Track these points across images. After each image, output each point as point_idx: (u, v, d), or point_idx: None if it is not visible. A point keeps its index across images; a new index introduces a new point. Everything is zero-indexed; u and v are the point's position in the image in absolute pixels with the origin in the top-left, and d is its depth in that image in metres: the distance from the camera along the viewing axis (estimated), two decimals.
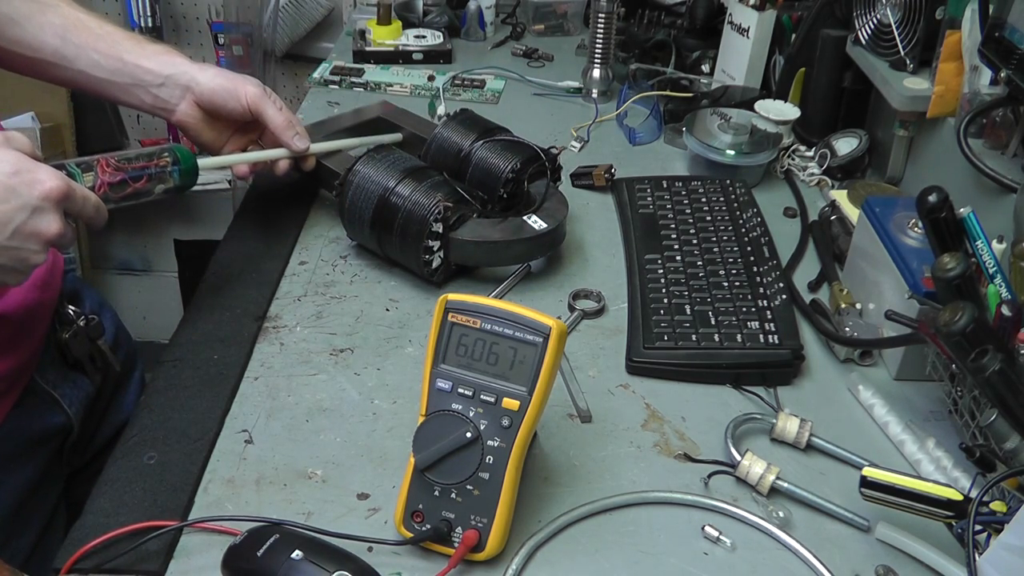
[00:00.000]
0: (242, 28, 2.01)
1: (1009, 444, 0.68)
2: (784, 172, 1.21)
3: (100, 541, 0.64)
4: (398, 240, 0.92)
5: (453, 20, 1.64)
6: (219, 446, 0.74)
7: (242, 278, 0.94)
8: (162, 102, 0.91)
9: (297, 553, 0.58)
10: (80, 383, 0.90)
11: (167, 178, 0.83)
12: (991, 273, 0.74)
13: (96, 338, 0.90)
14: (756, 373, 0.84)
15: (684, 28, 1.51)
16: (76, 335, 0.88)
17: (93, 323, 0.89)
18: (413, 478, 0.65)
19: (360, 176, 0.93)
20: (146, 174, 0.81)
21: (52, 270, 0.87)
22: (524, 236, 0.94)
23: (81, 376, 0.90)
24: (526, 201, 1.00)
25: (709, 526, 0.69)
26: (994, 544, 0.60)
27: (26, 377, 0.83)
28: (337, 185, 0.95)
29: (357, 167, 0.94)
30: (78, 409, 0.89)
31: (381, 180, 0.92)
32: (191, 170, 0.85)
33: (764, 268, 0.95)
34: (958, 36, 1.00)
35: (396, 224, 0.91)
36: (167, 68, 0.90)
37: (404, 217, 0.90)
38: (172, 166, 0.84)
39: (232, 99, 0.91)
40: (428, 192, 0.91)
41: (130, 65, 0.89)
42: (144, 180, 0.81)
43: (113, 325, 1.00)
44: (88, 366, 0.90)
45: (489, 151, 1.01)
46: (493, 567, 0.65)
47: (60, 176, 0.68)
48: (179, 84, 0.90)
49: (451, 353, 0.65)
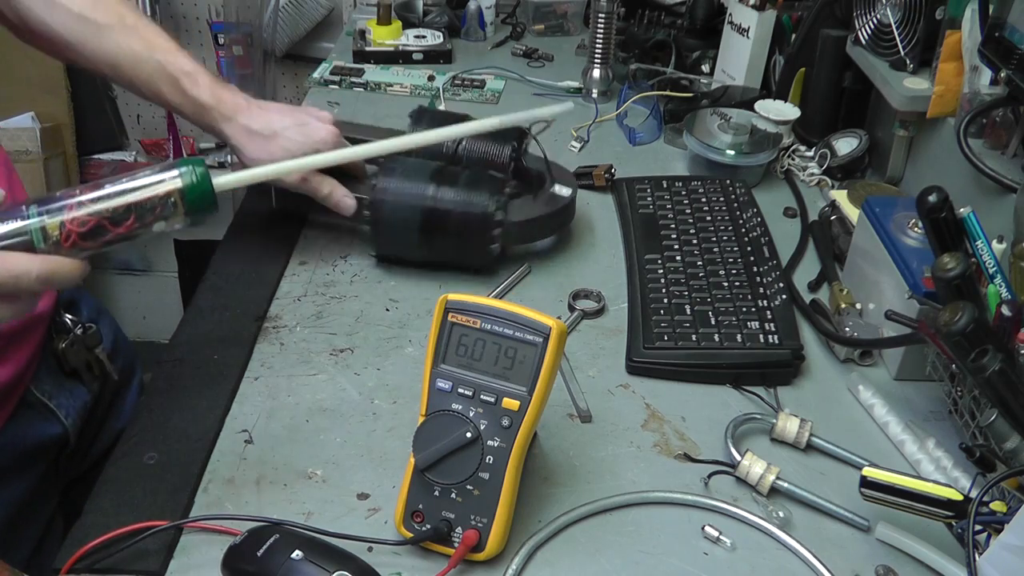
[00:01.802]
0: (242, 28, 2.01)
1: (1009, 444, 0.68)
2: (784, 172, 1.21)
3: (100, 541, 0.63)
4: (455, 240, 0.92)
5: (453, 20, 1.64)
6: (219, 446, 0.74)
7: (242, 278, 0.94)
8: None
9: (297, 553, 0.59)
10: (77, 392, 0.89)
11: (170, 211, 0.65)
12: (991, 273, 0.74)
13: (93, 346, 0.89)
14: (756, 373, 0.84)
15: (684, 28, 1.51)
16: (73, 344, 0.86)
17: (91, 331, 0.88)
18: (413, 478, 0.65)
19: (391, 192, 0.92)
20: (134, 213, 0.64)
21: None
22: (559, 206, 0.98)
23: (78, 385, 0.89)
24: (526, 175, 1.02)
25: (709, 526, 0.69)
26: (994, 544, 0.60)
27: (21, 388, 0.82)
28: (368, 205, 0.93)
29: (382, 184, 0.92)
30: (75, 419, 0.87)
31: (417, 190, 0.92)
32: (203, 197, 0.66)
33: (764, 268, 0.95)
34: (958, 36, 1.00)
35: (451, 226, 0.91)
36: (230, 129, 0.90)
37: (460, 217, 0.91)
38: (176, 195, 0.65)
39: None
40: (472, 188, 0.92)
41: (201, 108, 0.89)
42: (132, 221, 0.64)
43: (112, 332, 0.98)
44: (85, 375, 0.89)
45: (477, 139, 1.01)
46: (493, 567, 0.65)
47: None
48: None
49: (451, 353, 0.65)
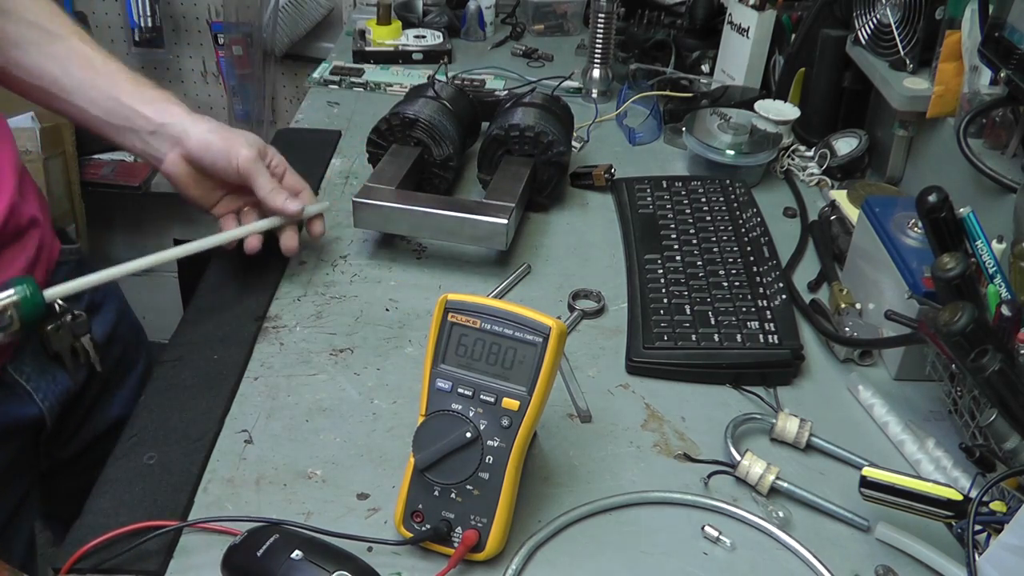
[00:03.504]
0: (242, 28, 2.01)
1: (1009, 444, 0.68)
2: (784, 172, 1.21)
3: (100, 541, 0.63)
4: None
5: (453, 20, 1.64)
6: (219, 446, 0.74)
7: (242, 278, 0.94)
8: (152, 149, 0.88)
9: (297, 553, 0.58)
10: (59, 378, 0.88)
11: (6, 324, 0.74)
12: (991, 273, 0.74)
13: (80, 334, 0.87)
14: (756, 373, 0.84)
15: (684, 28, 1.51)
16: (59, 329, 0.85)
17: (80, 320, 0.86)
18: (413, 478, 0.65)
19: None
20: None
21: (34, 263, 0.85)
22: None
23: (60, 371, 0.88)
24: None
25: (709, 526, 0.69)
26: (994, 544, 0.60)
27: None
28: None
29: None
30: (53, 404, 0.87)
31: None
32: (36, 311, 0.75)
33: (764, 268, 0.95)
34: (958, 36, 1.00)
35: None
36: (161, 116, 0.87)
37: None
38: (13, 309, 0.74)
39: (222, 159, 0.88)
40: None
41: (125, 107, 0.87)
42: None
43: (112, 320, 0.98)
44: (69, 361, 0.88)
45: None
46: (493, 567, 0.65)
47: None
48: (170, 135, 0.88)
49: (451, 353, 0.65)
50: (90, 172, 2.11)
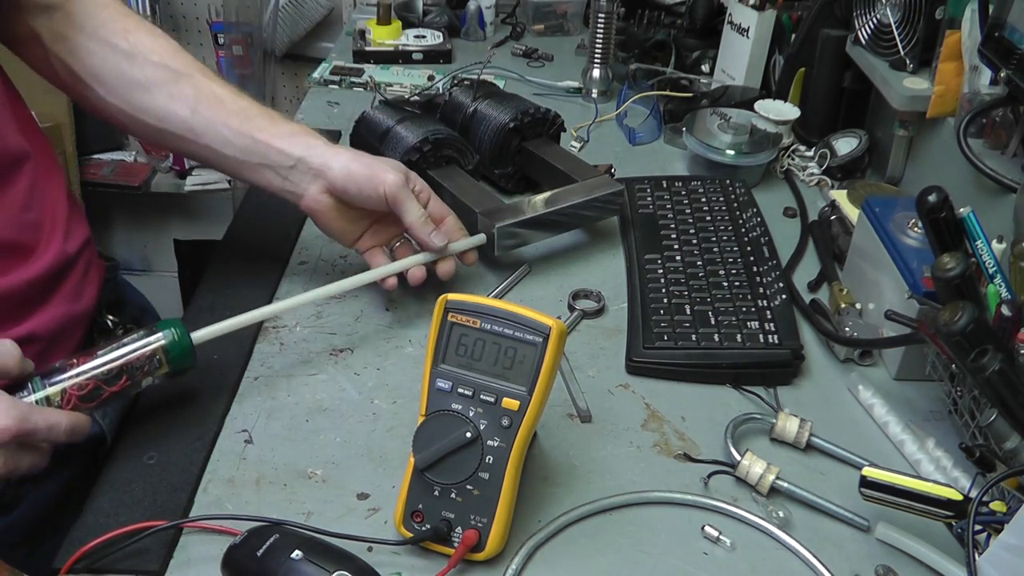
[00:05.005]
0: (242, 28, 2.01)
1: (1009, 444, 0.68)
2: (784, 172, 1.21)
3: (100, 541, 0.63)
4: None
5: (453, 20, 1.64)
6: (219, 446, 0.75)
7: (242, 278, 0.94)
8: (292, 185, 0.85)
9: (297, 553, 0.58)
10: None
11: (155, 367, 0.73)
12: (991, 273, 0.74)
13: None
14: (756, 373, 0.84)
15: (684, 28, 1.51)
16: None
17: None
18: (413, 478, 0.65)
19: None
20: (126, 374, 0.71)
21: (84, 280, 0.83)
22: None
23: None
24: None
25: (709, 526, 0.69)
26: (994, 544, 0.60)
27: None
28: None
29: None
30: (112, 420, 0.85)
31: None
32: (184, 354, 0.73)
33: (764, 268, 0.95)
34: (958, 36, 1.00)
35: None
36: (299, 150, 0.84)
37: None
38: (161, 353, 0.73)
39: (368, 187, 0.83)
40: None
41: (261, 144, 0.84)
42: (124, 381, 0.71)
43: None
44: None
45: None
46: (493, 567, 0.65)
47: (14, 412, 0.62)
48: (311, 168, 0.84)
49: (451, 353, 0.65)
50: (90, 172, 2.11)
